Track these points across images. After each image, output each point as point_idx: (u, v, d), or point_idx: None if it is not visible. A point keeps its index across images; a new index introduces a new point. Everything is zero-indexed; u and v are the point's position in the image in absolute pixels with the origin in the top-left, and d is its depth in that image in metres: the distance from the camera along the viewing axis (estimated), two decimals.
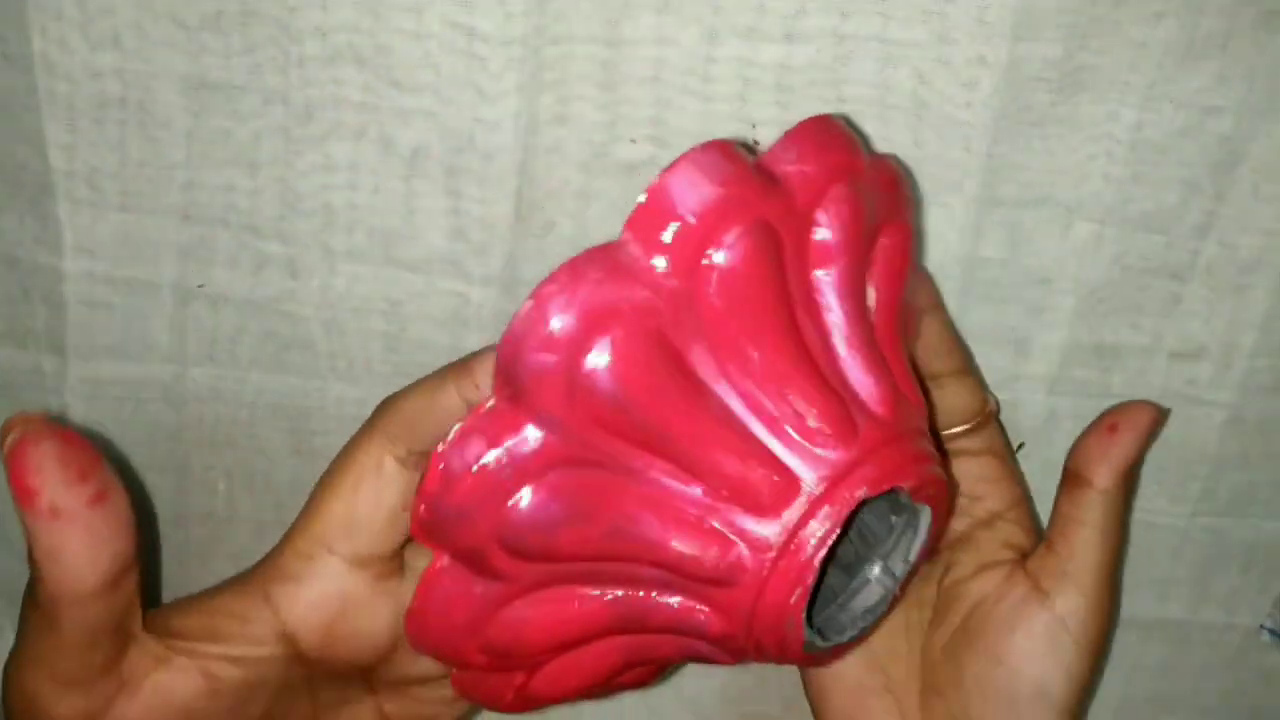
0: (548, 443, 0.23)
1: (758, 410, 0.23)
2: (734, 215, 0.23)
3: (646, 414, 0.23)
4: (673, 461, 0.23)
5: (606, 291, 0.22)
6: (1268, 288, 0.35)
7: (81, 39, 0.31)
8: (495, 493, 0.23)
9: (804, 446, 0.24)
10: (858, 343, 0.25)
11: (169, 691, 0.26)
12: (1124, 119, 0.33)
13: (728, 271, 0.23)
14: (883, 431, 0.25)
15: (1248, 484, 0.37)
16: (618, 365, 0.22)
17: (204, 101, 0.32)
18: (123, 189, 0.33)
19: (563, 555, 0.24)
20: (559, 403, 0.22)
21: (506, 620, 0.25)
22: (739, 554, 0.23)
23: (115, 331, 0.35)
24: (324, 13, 0.31)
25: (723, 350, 0.23)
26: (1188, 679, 0.40)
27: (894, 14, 0.31)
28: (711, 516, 0.24)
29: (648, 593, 0.25)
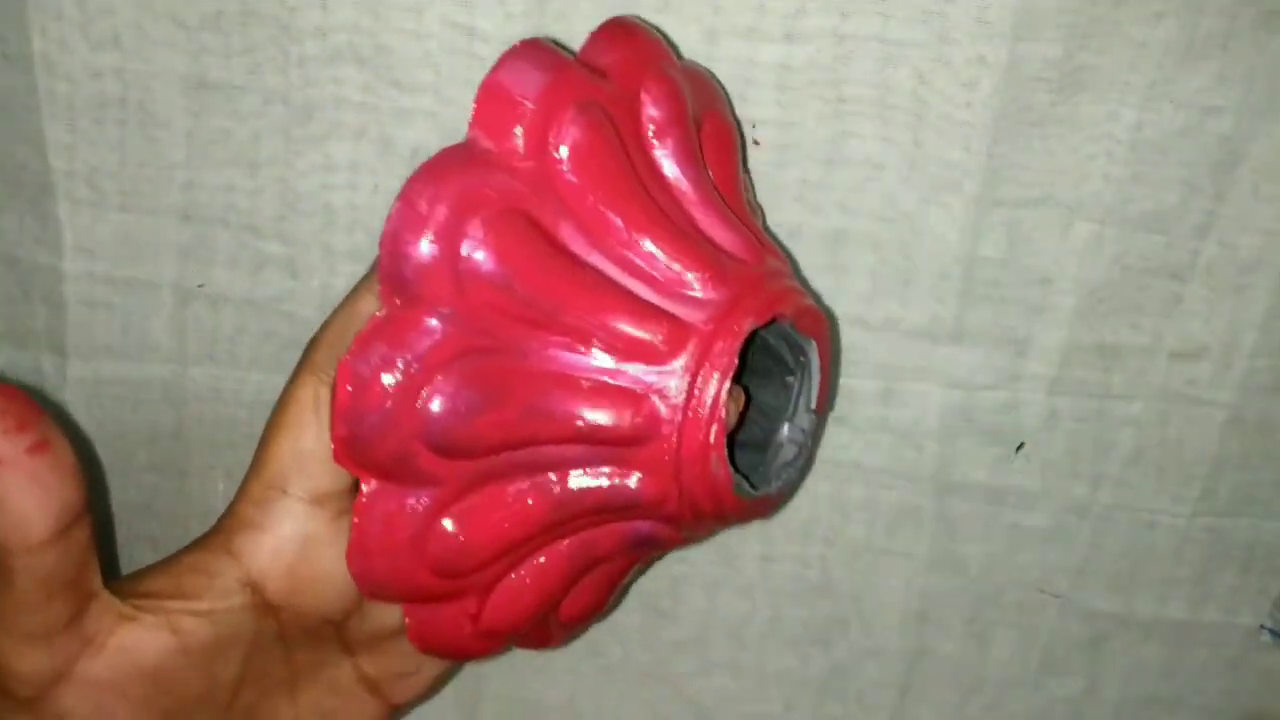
0: (446, 333, 0.23)
1: (633, 271, 0.24)
2: (568, 96, 0.24)
3: (532, 290, 0.23)
4: (566, 334, 0.24)
5: (470, 180, 0.23)
6: (1268, 288, 0.35)
7: (81, 39, 0.31)
8: (407, 390, 0.23)
9: (684, 295, 0.25)
10: (708, 205, 0.26)
11: (136, 650, 0.25)
12: (1124, 119, 0.33)
13: (575, 148, 0.24)
14: (752, 272, 0.26)
15: (1248, 484, 0.37)
16: (495, 245, 0.23)
17: (204, 101, 0.32)
18: (123, 189, 0.33)
19: (485, 444, 0.24)
20: (448, 292, 0.23)
21: (446, 531, 0.25)
22: (650, 406, 0.24)
23: (115, 331, 0.35)
24: (324, 13, 0.31)
25: (588, 222, 0.24)
26: (1188, 679, 0.40)
27: (894, 14, 0.31)
28: (615, 378, 0.24)
29: (576, 472, 0.25)
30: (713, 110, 0.29)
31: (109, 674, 0.25)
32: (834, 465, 0.37)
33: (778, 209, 0.34)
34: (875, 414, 0.36)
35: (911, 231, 0.34)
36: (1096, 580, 0.39)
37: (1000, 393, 0.36)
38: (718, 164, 0.28)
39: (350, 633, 0.29)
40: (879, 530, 0.38)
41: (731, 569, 0.39)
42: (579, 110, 0.24)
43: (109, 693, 0.25)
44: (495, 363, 0.23)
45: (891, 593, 0.39)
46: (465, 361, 0.23)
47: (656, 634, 0.40)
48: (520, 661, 0.40)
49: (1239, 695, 0.40)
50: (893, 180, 0.34)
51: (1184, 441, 0.37)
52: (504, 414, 0.24)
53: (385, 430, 0.23)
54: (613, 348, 0.24)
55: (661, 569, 0.39)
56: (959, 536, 0.38)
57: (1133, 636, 0.39)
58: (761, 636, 0.40)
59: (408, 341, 0.23)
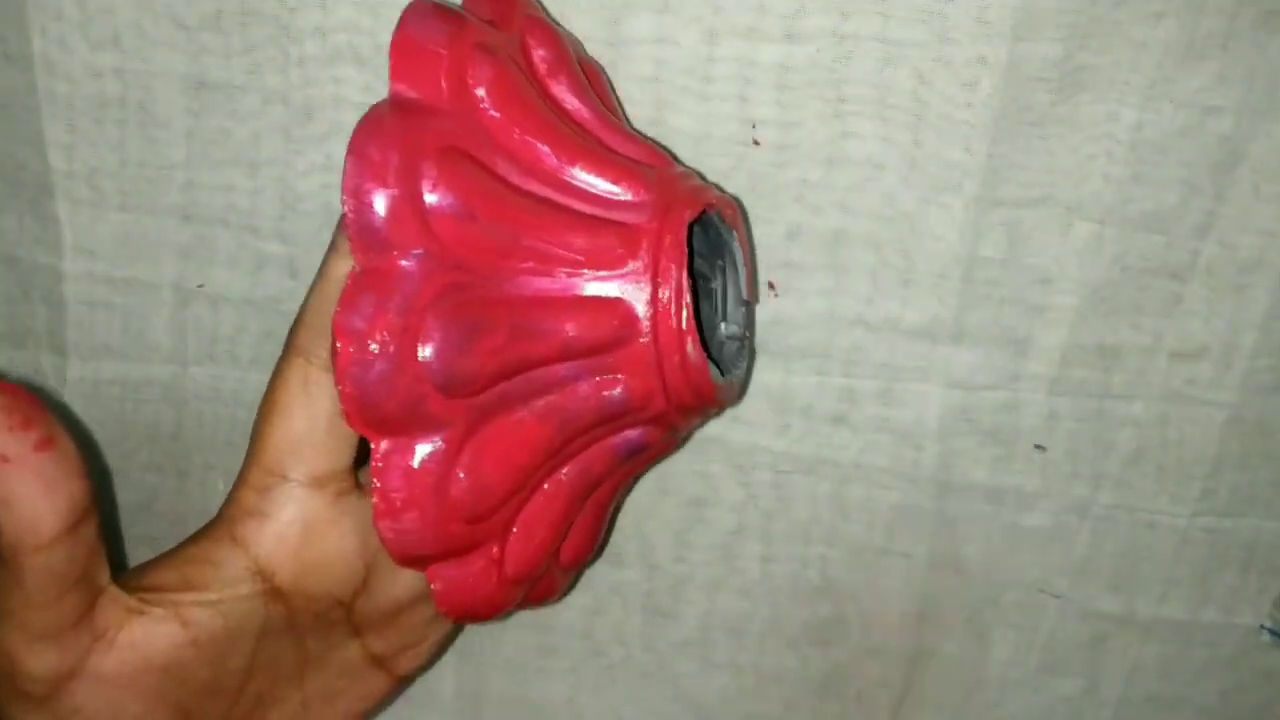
0: (425, 273, 0.24)
1: (570, 193, 0.26)
2: (473, 40, 0.25)
3: (492, 221, 0.24)
4: (531, 258, 0.25)
5: (409, 126, 0.24)
6: (1268, 288, 0.35)
7: (81, 39, 0.31)
8: (403, 334, 0.23)
9: (621, 203, 0.26)
10: (609, 129, 0.28)
11: (146, 643, 0.25)
12: (1124, 119, 0.33)
13: (492, 86, 0.25)
14: (669, 175, 0.28)
15: (1248, 484, 0.37)
16: (451, 181, 0.24)
17: (204, 101, 0.32)
18: (122, 189, 0.33)
19: (483, 375, 0.24)
20: (416, 233, 0.23)
21: (464, 470, 0.25)
22: (623, 307, 0.26)
23: (115, 331, 0.35)
24: (323, 12, 0.31)
25: (518, 153, 0.26)
26: (1188, 679, 0.40)
27: (894, 14, 0.31)
28: (584, 289, 0.26)
29: (569, 389, 0.26)
30: (579, 54, 0.31)
31: (120, 669, 0.25)
32: (834, 465, 0.37)
33: (778, 209, 0.34)
34: (875, 414, 0.36)
35: (911, 231, 0.34)
36: (1096, 580, 0.38)
37: (1000, 393, 0.36)
38: (601, 96, 0.30)
39: (358, 613, 0.29)
40: (879, 530, 0.38)
41: (731, 569, 0.39)
42: (486, 52, 0.25)
43: (120, 687, 0.25)
44: (475, 294, 0.24)
45: (891, 593, 0.39)
46: (448, 297, 0.24)
47: (657, 634, 0.40)
48: (521, 661, 0.40)
49: (1239, 695, 0.40)
50: (893, 180, 0.34)
51: (1184, 441, 0.37)
52: (494, 340, 0.24)
53: (392, 378, 0.24)
54: (575, 263, 0.25)
55: (661, 569, 0.39)
56: (959, 536, 0.38)
57: (1133, 636, 0.39)
58: (761, 636, 0.40)
59: (391, 287, 0.23)
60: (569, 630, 0.40)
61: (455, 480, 0.26)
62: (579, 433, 0.27)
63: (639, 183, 0.27)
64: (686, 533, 0.38)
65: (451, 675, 0.40)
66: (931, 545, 0.38)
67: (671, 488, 0.38)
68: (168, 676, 0.26)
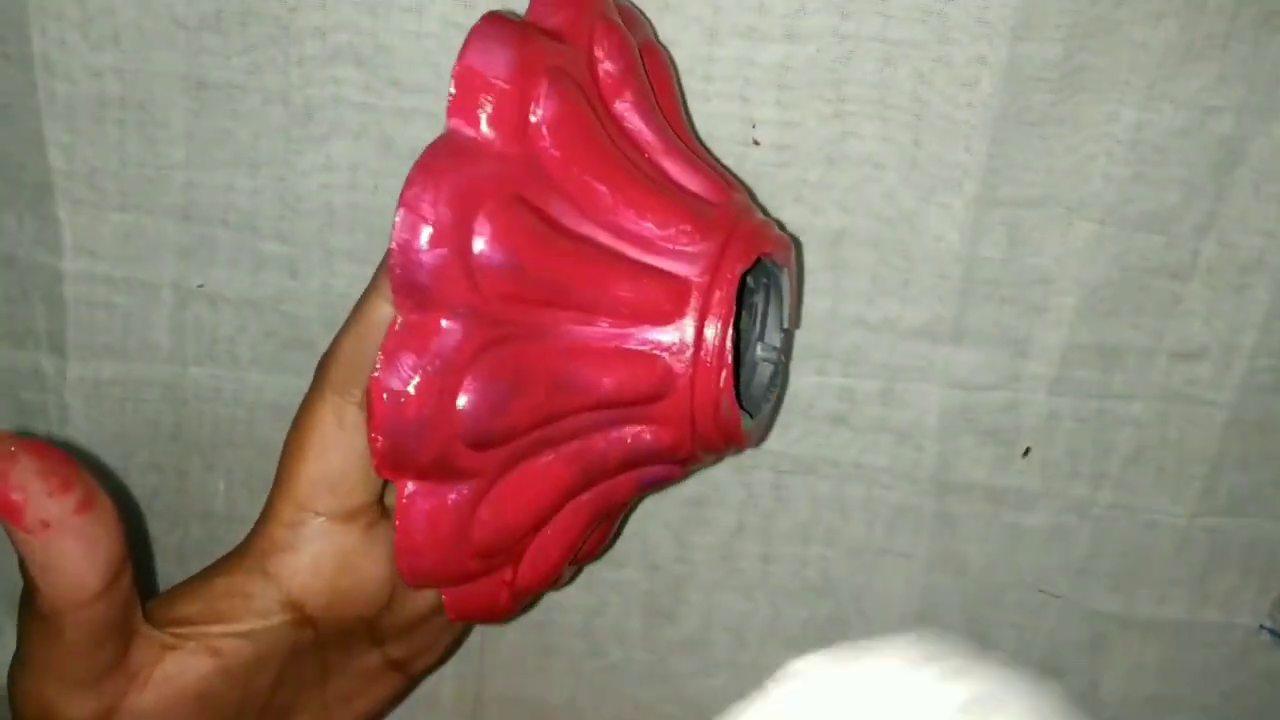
0: (466, 331, 0.23)
1: (626, 236, 0.25)
2: (537, 70, 0.24)
3: (539, 272, 0.24)
4: (576, 309, 0.25)
5: (464, 175, 0.23)
6: (1268, 288, 0.35)
7: (81, 39, 0.31)
8: (441, 395, 0.23)
9: (676, 250, 0.26)
10: (672, 152, 0.27)
11: (180, 676, 0.26)
12: (1124, 119, 0.33)
13: (553, 122, 0.24)
14: (727, 214, 0.27)
15: (1248, 484, 0.37)
16: (501, 236, 0.23)
17: (204, 101, 0.32)
18: (122, 189, 0.33)
19: (517, 430, 0.25)
20: (463, 290, 0.23)
21: (486, 515, 0.26)
22: (663, 364, 0.25)
23: (115, 331, 0.35)
24: (323, 12, 0.31)
25: (575, 194, 0.25)
26: (1188, 679, 0.40)
27: (894, 14, 0.31)
28: (628, 343, 0.25)
29: (600, 435, 0.26)
30: (647, 42, 0.30)
31: (156, 703, 0.26)
32: (834, 465, 0.37)
33: (778, 209, 0.34)
34: (875, 414, 0.36)
35: (911, 231, 0.34)
36: (1096, 580, 0.38)
37: (1000, 393, 0.36)
38: (664, 99, 0.29)
39: (381, 628, 0.29)
40: (879, 530, 0.38)
41: (731, 569, 0.39)
42: (551, 81, 0.24)
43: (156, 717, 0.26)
44: (516, 349, 0.24)
45: (891, 593, 0.39)
46: (488, 355, 0.24)
47: (657, 634, 0.40)
48: (521, 661, 0.40)
49: (1239, 695, 0.40)
50: (893, 180, 0.34)
51: (1184, 441, 0.37)
52: (532, 398, 0.24)
53: (425, 437, 0.24)
54: (620, 314, 0.25)
55: (661, 569, 0.39)
56: (959, 536, 0.38)
57: (1133, 636, 0.39)
58: (761, 636, 0.40)
59: (432, 347, 0.23)
60: (569, 630, 0.40)
61: (478, 523, 0.26)
62: (604, 474, 0.27)
63: (696, 226, 0.26)
64: (686, 533, 0.38)
65: (451, 675, 0.40)
66: (931, 545, 0.38)
67: (671, 488, 0.38)
68: (201, 704, 0.26)
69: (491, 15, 0.25)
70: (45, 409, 0.36)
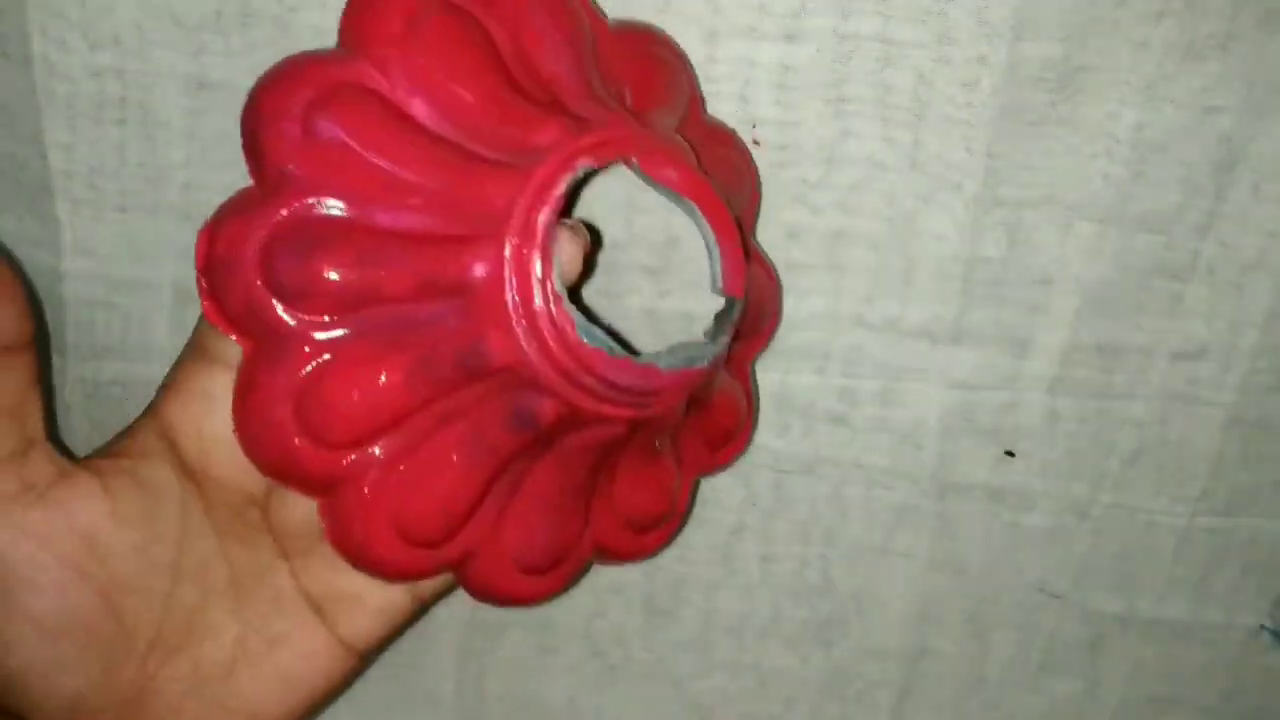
0: (281, 188, 0.24)
1: (477, 135, 0.25)
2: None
3: (374, 156, 0.25)
4: (405, 193, 0.25)
5: (326, 66, 0.25)
6: (1268, 288, 0.35)
7: (81, 39, 0.31)
8: (243, 243, 0.24)
9: (528, 148, 0.25)
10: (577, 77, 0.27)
11: (71, 504, 0.25)
12: (1124, 119, 0.32)
13: (431, 35, 0.25)
14: (614, 130, 0.26)
15: (1248, 484, 0.37)
16: (345, 118, 0.24)
17: (204, 101, 0.32)
18: (122, 189, 0.33)
19: (323, 290, 0.24)
20: (293, 156, 0.24)
21: (314, 391, 0.25)
22: (481, 248, 0.25)
23: (115, 332, 0.35)
24: (323, 12, 0.31)
25: (440, 97, 0.25)
26: (1188, 679, 0.40)
27: (894, 14, 0.31)
28: (448, 228, 0.25)
29: (428, 330, 0.25)
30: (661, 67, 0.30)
31: (44, 527, 0.25)
32: (834, 465, 0.37)
33: (778, 209, 0.34)
34: (875, 414, 0.36)
35: (911, 231, 0.34)
36: (1096, 580, 0.38)
37: (1000, 393, 0.36)
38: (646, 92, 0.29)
39: (276, 523, 0.28)
40: (879, 530, 0.38)
41: (731, 569, 0.39)
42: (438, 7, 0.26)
43: (43, 547, 0.25)
44: (330, 215, 0.24)
45: (891, 593, 0.39)
46: (300, 210, 0.24)
47: (656, 634, 0.40)
48: (521, 661, 0.40)
49: (1239, 695, 0.40)
50: (893, 180, 0.33)
51: (1184, 441, 0.37)
52: (340, 255, 0.24)
53: (232, 275, 0.24)
54: (448, 202, 0.25)
55: (661, 569, 0.39)
56: (959, 536, 0.38)
57: (1133, 637, 0.39)
58: (761, 636, 0.40)
59: (248, 195, 0.25)
60: (569, 630, 0.40)
61: (306, 396, 0.25)
62: (446, 379, 0.25)
63: (558, 126, 0.26)
64: (686, 533, 0.38)
65: (451, 675, 0.40)
66: (931, 545, 0.38)
67: None
68: (89, 548, 0.25)
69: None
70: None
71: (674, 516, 0.32)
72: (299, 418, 0.25)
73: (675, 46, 0.31)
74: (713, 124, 0.32)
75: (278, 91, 0.25)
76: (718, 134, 0.32)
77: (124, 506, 0.26)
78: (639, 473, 0.30)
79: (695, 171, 0.27)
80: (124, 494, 0.26)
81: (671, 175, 0.26)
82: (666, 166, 0.26)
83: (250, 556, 0.28)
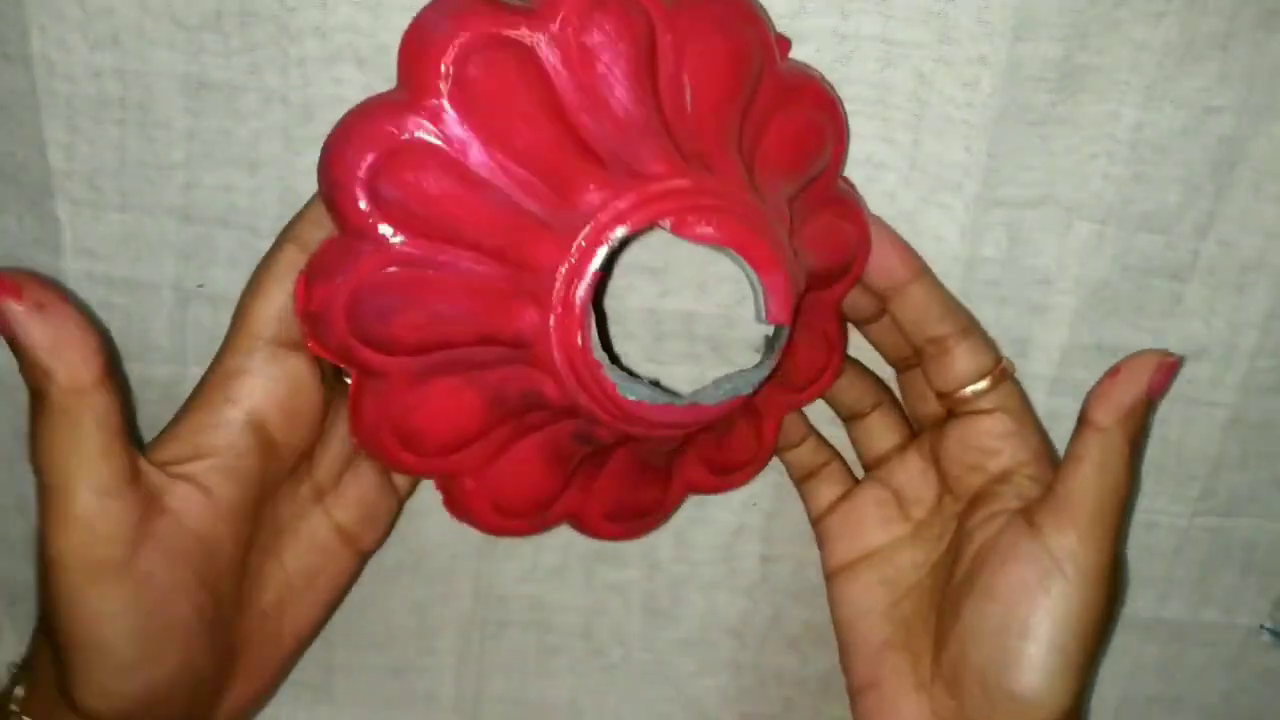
0: (369, 252, 0.27)
1: (527, 188, 0.27)
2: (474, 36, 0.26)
3: (434, 212, 0.27)
4: (469, 248, 0.27)
5: (387, 122, 0.27)
6: (1268, 288, 0.35)
7: (81, 39, 0.31)
8: (335, 298, 0.27)
9: (574, 208, 0.27)
10: (643, 121, 0.27)
11: (185, 512, 0.27)
12: (1124, 119, 0.32)
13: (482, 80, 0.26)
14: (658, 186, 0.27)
15: (1248, 484, 0.37)
16: (404, 179, 0.26)
17: (204, 101, 0.32)
18: (122, 189, 0.33)
19: (405, 343, 0.27)
20: (362, 217, 0.27)
21: (407, 415, 0.29)
22: (532, 312, 0.27)
23: (115, 332, 0.35)
24: (323, 12, 0.31)
25: (493, 145, 0.27)
26: (1188, 679, 0.40)
27: (894, 14, 0.31)
28: (506, 285, 0.27)
29: (494, 371, 0.28)
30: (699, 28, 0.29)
31: (174, 535, 0.27)
32: None
33: None
34: None
35: (911, 231, 0.34)
36: None
37: None
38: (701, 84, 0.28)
39: (318, 468, 0.31)
40: None
41: (731, 569, 0.39)
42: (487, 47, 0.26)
43: (176, 556, 0.27)
44: (405, 275, 0.27)
45: None
46: (374, 276, 0.27)
47: (657, 634, 0.40)
48: (521, 662, 0.40)
49: (1239, 695, 0.40)
50: (893, 180, 0.33)
51: (1184, 441, 0.37)
52: (414, 317, 0.27)
53: (327, 328, 0.27)
54: (502, 259, 0.27)
55: (661, 569, 0.39)
56: None
57: (1132, 636, 0.39)
58: (761, 636, 0.39)
59: (338, 257, 0.27)
60: (569, 630, 0.40)
61: (400, 417, 0.29)
62: (513, 408, 0.29)
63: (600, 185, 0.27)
64: (686, 533, 0.38)
65: (451, 675, 0.40)
66: None
67: None
68: (203, 549, 0.28)
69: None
70: None
71: (759, 458, 0.34)
72: (400, 439, 0.29)
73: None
74: (794, 74, 0.31)
75: (344, 156, 0.26)
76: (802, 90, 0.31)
77: (222, 501, 0.28)
78: (716, 434, 0.33)
79: (734, 222, 0.28)
80: (220, 490, 0.28)
81: (707, 232, 0.27)
82: (701, 224, 0.27)
83: (290, 508, 0.31)
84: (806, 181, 0.30)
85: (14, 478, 0.37)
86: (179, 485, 0.27)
